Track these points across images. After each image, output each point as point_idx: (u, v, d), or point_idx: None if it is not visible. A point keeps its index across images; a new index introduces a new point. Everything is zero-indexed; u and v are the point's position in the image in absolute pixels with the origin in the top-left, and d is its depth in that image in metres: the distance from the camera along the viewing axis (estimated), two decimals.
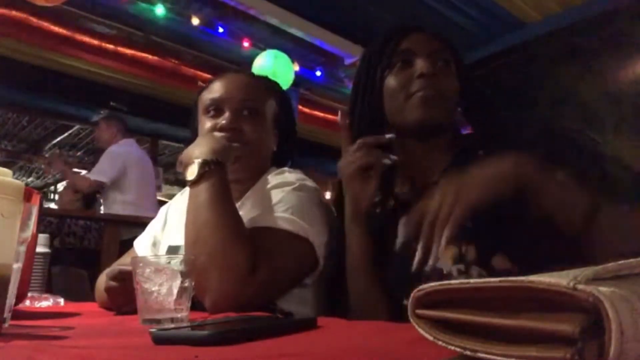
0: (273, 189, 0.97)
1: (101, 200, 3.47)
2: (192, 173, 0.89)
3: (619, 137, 3.18)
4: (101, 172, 3.24)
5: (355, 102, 0.98)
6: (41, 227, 2.77)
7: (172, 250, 1.04)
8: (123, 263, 1.12)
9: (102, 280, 1.09)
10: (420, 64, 0.90)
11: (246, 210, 0.99)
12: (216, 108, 1.05)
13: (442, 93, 0.89)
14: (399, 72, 0.92)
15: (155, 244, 1.16)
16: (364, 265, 0.88)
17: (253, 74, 1.20)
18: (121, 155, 3.30)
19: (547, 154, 0.79)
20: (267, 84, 1.18)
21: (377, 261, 0.91)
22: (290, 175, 1.02)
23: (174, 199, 1.24)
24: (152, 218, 1.26)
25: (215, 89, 1.07)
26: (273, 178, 1.03)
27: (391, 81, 0.93)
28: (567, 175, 0.75)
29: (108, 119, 3.51)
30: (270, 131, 1.10)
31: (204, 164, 0.89)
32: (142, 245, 1.18)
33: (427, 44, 0.93)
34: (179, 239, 1.05)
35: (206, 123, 1.05)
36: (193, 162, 0.90)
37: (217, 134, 1.01)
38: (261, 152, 1.08)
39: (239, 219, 0.88)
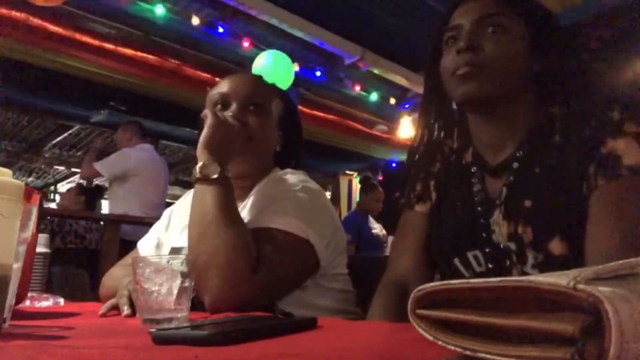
0: (275, 190, 0.98)
1: (105, 195, 3.56)
2: (204, 171, 0.89)
3: None
4: (104, 165, 3.35)
5: (425, 82, 0.98)
6: (42, 225, 2.78)
7: (175, 252, 1.04)
8: (124, 263, 1.13)
9: (106, 280, 1.10)
10: (460, 38, 0.85)
11: (248, 211, 0.99)
12: (223, 102, 1.06)
13: (484, 66, 0.82)
14: (448, 49, 0.89)
15: (159, 246, 1.16)
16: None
17: (260, 77, 1.21)
18: (131, 157, 3.39)
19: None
20: (273, 86, 1.19)
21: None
22: (292, 177, 1.02)
23: (178, 201, 1.25)
24: (154, 219, 1.26)
25: (223, 85, 1.09)
26: (276, 179, 1.03)
27: (442, 60, 0.90)
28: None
29: (125, 125, 3.67)
30: (274, 130, 1.11)
31: (214, 165, 0.89)
32: (145, 246, 1.18)
33: (473, 13, 0.86)
34: (182, 240, 1.06)
35: None
36: (205, 159, 0.90)
37: (226, 114, 1.01)
38: (265, 148, 1.08)
39: (242, 221, 0.89)
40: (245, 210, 1.00)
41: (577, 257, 0.74)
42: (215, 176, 0.88)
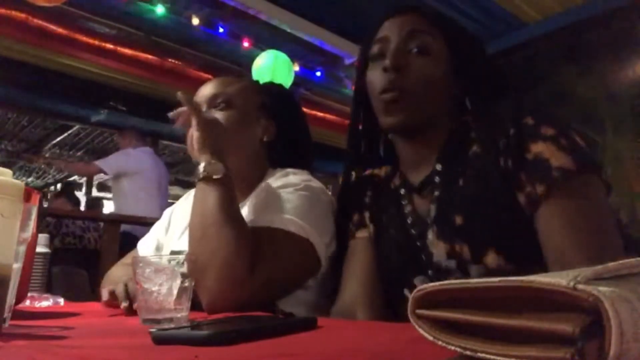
0: (276, 190, 0.97)
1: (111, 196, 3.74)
2: (209, 171, 0.89)
3: (618, 137, 3.17)
4: (106, 162, 3.54)
5: (355, 96, 0.98)
6: (40, 227, 2.78)
7: (175, 254, 1.04)
8: (125, 262, 1.13)
9: (107, 280, 1.10)
10: (387, 55, 0.84)
11: (248, 211, 0.99)
12: None
13: (407, 91, 0.82)
14: (374, 64, 0.88)
15: (158, 248, 1.16)
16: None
17: (234, 77, 1.22)
18: (131, 156, 3.55)
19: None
20: (250, 81, 1.21)
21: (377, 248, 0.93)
22: (294, 177, 1.02)
23: (178, 202, 1.24)
24: (152, 219, 1.26)
25: (196, 95, 1.11)
26: (277, 180, 1.02)
27: (368, 75, 0.90)
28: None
29: (123, 131, 3.87)
30: (252, 120, 1.10)
31: (219, 164, 0.89)
32: (145, 247, 1.18)
33: (401, 28, 0.86)
34: (182, 243, 1.05)
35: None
36: (209, 159, 0.90)
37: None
38: (237, 140, 1.06)
39: (244, 222, 0.89)
40: (245, 209, 1.00)
41: (515, 270, 0.72)
42: (220, 175, 0.88)
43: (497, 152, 0.78)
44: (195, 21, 3.75)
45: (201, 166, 0.89)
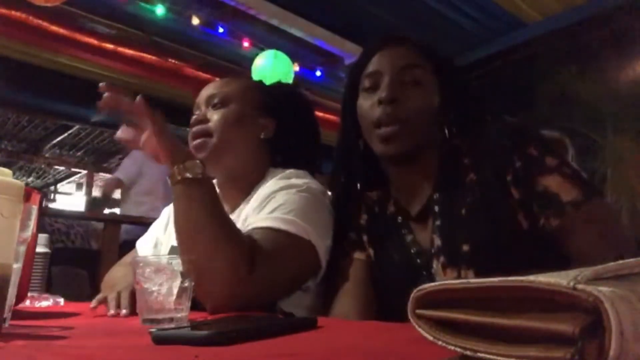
0: (277, 191, 0.95)
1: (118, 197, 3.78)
2: (190, 171, 0.84)
3: (619, 136, 3.18)
4: (120, 170, 3.59)
5: (342, 122, 1.00)
6: None
7: (175, 250, 1.03)
8: (125, 262, 1.13)
9: (108, 279, 1.09)
10: (382, 87, 0.88)
11: (248, 212, 0.98)
12: (197, 111, 1.10)
13: (405, 122, 0.86)
14: (367, 94, 0.92)
15: (156, 245, 1.15)
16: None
17: (235, 76, 1.23)
18: (138, 156, 3.55)
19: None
20: (251, 80, 1.21)
21: (376, 272, 0.94)
22: (296, 179, 1.00)
23: None
24: (154, 219, 1.26)
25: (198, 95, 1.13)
26: (279, 180, 1.01)
27: (360, 103, 0.93)
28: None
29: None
30: (249, 118, 1.09)
31: (198, 164, 0.86)
32: (143, 245, 1.18)
33: (394, 62, 0.89)
34: None
35: None
36: (185, 158, 0.86)
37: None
38: (232, 139, 1.05)
39: (231, 220, 0.87)
40: (246, 210, 1.00)
41: None
42: (197, 175, 0.84)
43: (504, 183, 0.82)
44: (195, 21, 3.75)
45: (178, 167, 0.84)
